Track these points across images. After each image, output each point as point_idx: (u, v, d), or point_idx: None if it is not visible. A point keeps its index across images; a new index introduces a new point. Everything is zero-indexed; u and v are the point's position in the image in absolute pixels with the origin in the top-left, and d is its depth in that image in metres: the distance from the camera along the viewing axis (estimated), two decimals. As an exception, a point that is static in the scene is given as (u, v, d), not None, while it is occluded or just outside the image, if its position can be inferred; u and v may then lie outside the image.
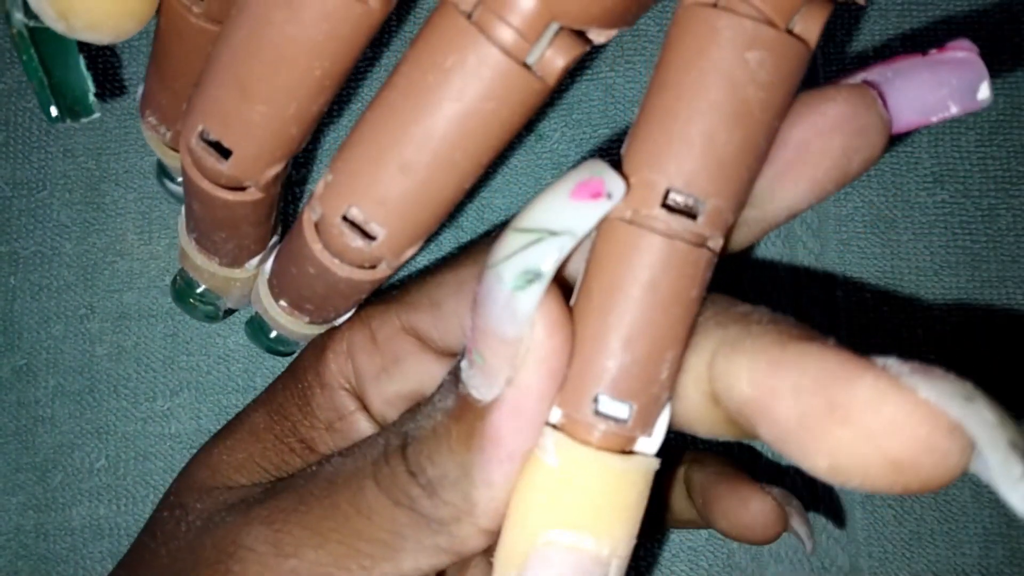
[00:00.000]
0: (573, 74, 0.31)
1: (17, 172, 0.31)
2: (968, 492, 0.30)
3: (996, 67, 0.31)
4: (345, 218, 0.20)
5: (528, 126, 0.30)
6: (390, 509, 0.19)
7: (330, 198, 0.20)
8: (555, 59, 0.18)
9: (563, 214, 0.16)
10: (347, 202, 0.19)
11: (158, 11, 0.23)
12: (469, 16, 0.18)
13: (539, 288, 0.16)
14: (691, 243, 0.17)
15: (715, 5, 0.17)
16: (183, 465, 0.30)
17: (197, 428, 0.30)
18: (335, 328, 0.24)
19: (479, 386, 0.17)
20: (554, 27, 0.18)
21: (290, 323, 0.24)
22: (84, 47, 0.24)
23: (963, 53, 0.19)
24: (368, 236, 0.20)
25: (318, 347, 0.24)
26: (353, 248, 0.20)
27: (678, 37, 0.17)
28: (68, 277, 0.31)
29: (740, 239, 0.20)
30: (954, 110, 0.19)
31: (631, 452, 0.18)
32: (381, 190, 0.19)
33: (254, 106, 0.20)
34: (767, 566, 0.30)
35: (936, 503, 0.30)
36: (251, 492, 0.22)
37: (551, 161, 0.31)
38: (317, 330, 0.25)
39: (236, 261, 0.25)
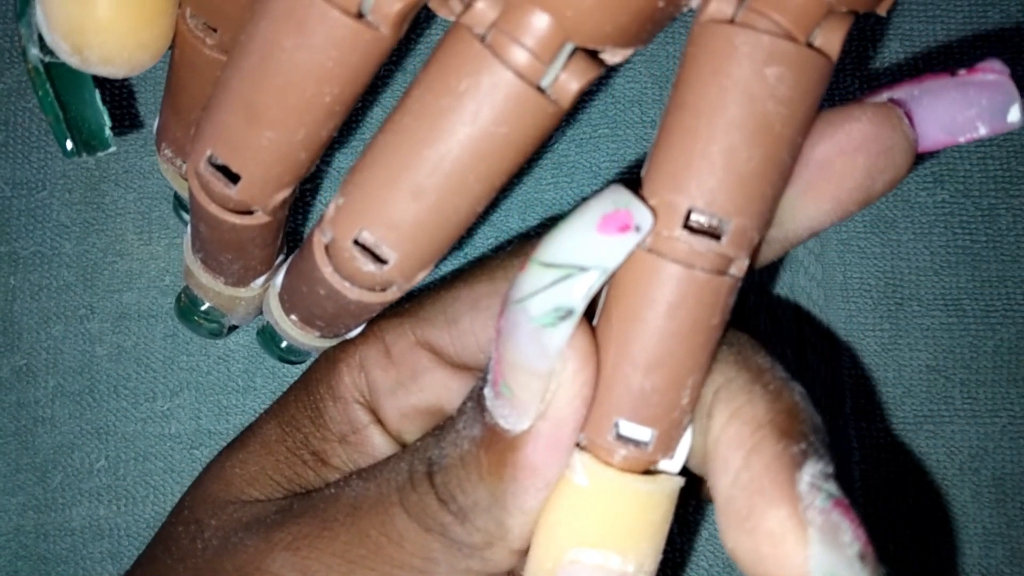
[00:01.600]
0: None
1: (17, 172, 0.31)
2: (968, 492, 0.30)
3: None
4: (356, 242, 0.19)
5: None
6: (421, 536, 0.19)
7: (341, 221, 0.19)
8: (569, 82, 0.18)
9: (591, 249, 0.16)
10: (358, 226, 0.19)
11: (173, 44, 0.23)
12: (483, 39, 0.18)
13: (570, 324, 0.16)
14: (712, 271, 0.17)
15: (732, 20, 0.17)
16: (183, 465, 0.30)
17: (197, 428, 0.30)
18: (348, 341, 0.24)
19: (507, 416, 0.17)
20: (568, 49, 0.18)
21: (301, 336, 0.24)
22: (99, 82, 0.24)
23: (994, 75, 0.19)
24: (379, 260, 0.19)
25: (331, 359, 0.24)
26: (364, 272, 0.20)
27: (695, 55, 0.17)
28: (68, 277, 0.31)
29: (760, 257, 0.20)
30: (983, 131, 0.19)
31: (654, 471, 0.18)
32: (393, 214, 0.19)
33: (263, 132, 0.19)
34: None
35: (936, 503, 0.30)
36: (266, 510, 0.22)
37: (551, 161, 0.31)
38: (329, 343, 0.25)
39: (242, 281, 0.25)
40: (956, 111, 0.19)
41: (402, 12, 0.19)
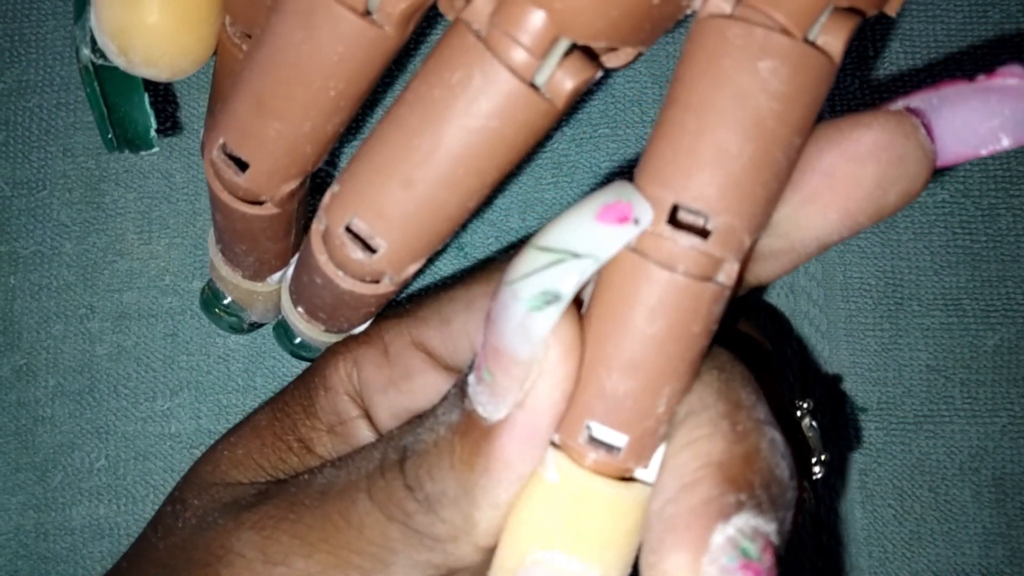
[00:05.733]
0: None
1: (17, 172, 0.31)
2: (968, 492, 0.30)
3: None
4: (348, 229, 0.19)
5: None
6: (382, 523, 0.19)
7: (334, 208, 0.20)
8: (564, 81, 0.18)
9: (587, 237, 0.16)
10: (350, 212, 0.19)
11: (216, 52, 0.24)
12: (479, 34, 0.18)
13: (557, 310, 0.16)
14: (695, 276, 0.16)
15: (730, 16, 0.16)
16: (183, 465, 0.30)
17: (197, 428, 0.30)
18: (351, 337, 0.24)
19: (486, 404, 0.17)
20: (563, 46, 0.18)
21: (308, 329, 0.25)
22: (149, 87, 0.25)
23: (1015, 80, 0.18)
24: (370, 249, 0.20)
25: (330, 352, 0.24)
26: (354, 260, 0.20)
27: (690, 50, 0.16)
28: (68, 277, 0.31)
29: (767, 271, 0.19)
30: (1006, 143, 0.18)
31: (630, 479, 0.17)
32: (383, 203, 0.19)
33: (270, 122, 0.20)
34: (767, 566, 0.30)
35: (936, 503, 0.30)
36: (245, 492, 0.22)
37: (551, 161, 0.31)
38: (335, 338, 0.25)
39: (258, 275, 0.25)
40: (977, 122, 0.18)
41: (407, 12, 0.19)
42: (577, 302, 0.17)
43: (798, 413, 0.23)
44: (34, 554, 0.30)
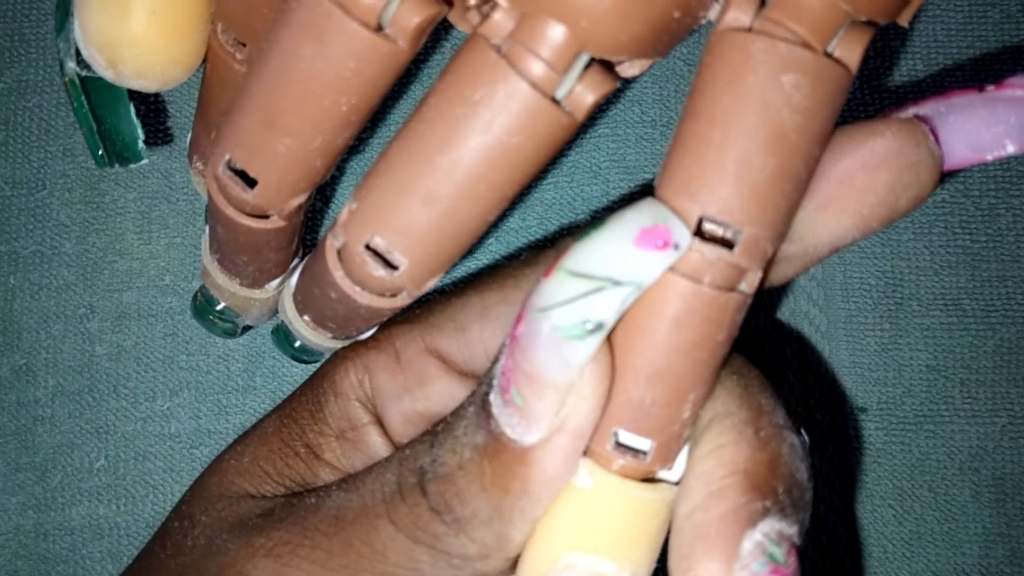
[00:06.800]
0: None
1: (17, 172, 0.31)
2: (968, 492, 0.30)
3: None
4: (368, 247, 0.19)
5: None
6: (408, 547, 0.19)
7: (353, 226, 0.19)
8: (585, 94, 0.18)
9: (628, 263, 0.16)
10: (370, 231, 0.19)
11: (205, 59, 0.23)
12: (499, 49, 0.18)
13: (598, 339, 0.16)
14: (720, 287, 0.16)
15: (750, 30, 0.16)
16: (183, 465, 0.30)
17: (197, 428, 0.30)
18: (359, 342, 0.24)
19: (515, 426, 0.17)
20: (583, 60, 0.18)
21: (314, 336, 0.24)
22: (134, 96, 0.24)
23: (1023, 91, 0.18)
24: (390, 265, 0.19)
25: (338, 357, 0.24)
26: (375, 277, 0.20)
27: (711, 64, 0.17)
28: (68, 277, 0.31)
29: (779, 274, 0.19)
30: (1011, 148, 0.18)
31: (654, 480, 0.18)
32: (405, 220, 0.19)
33: (280, 138, 0.20)
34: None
35: (936, 503, 0.30)
36: (250, 511, 0.22)
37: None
38: (341, 343, 0.25)
39: (256, 283, 0.25)
40: (983, 128, 0.18)
41: (420, 26, 0.19)
42: None
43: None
44: (34, 554, 0.30)
